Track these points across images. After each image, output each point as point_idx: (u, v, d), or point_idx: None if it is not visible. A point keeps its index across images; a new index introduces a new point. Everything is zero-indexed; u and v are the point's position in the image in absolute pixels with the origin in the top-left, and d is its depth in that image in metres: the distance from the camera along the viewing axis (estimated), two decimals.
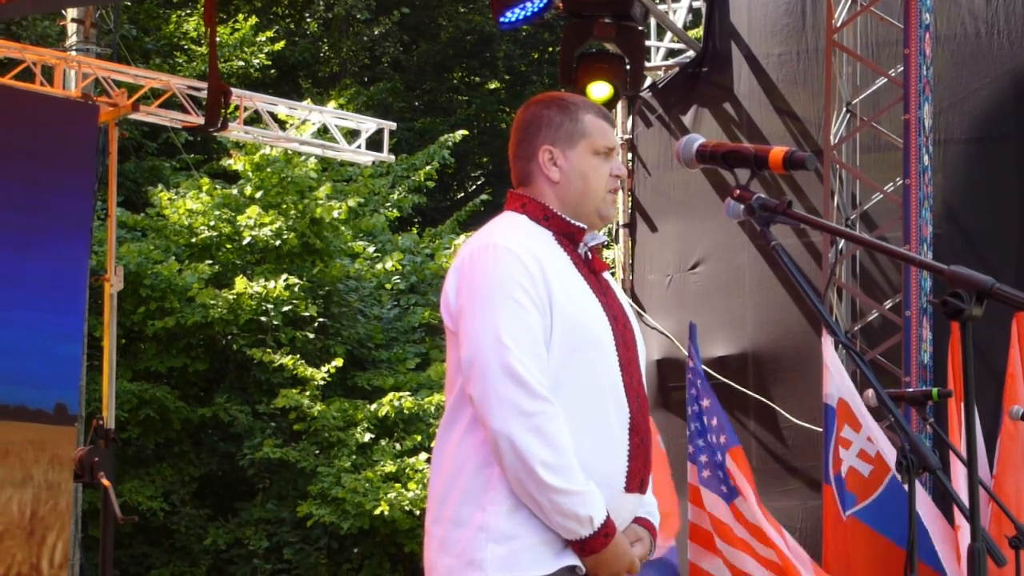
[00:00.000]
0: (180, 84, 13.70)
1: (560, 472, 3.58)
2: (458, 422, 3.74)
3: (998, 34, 9.88)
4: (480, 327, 3.66)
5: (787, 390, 10.20)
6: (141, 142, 20.36)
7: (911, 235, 9.07)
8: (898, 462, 2.91)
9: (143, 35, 21.44)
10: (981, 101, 9.88)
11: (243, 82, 20.62)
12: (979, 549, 2.93)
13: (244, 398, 18.11)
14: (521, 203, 3.88)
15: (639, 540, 3.80)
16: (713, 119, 10.79)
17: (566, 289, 3.73)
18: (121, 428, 16.21)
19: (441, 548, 3.70)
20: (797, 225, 3.32)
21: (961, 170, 9.86)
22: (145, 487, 17.24)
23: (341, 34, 24.82)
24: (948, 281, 2.95)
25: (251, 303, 17.44)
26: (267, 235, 17.76)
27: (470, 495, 3.68)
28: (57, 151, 9.22)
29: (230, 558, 17.84)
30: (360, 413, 17.18)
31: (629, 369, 3.80)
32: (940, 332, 9.06)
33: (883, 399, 3.16)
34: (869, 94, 9.97)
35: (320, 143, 15.28)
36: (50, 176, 9.12)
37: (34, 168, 9.08)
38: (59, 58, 13.25)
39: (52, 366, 9.13)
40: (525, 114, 3.94)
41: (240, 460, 17.72)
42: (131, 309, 17.18)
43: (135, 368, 17.52)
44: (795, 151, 3.31)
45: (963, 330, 2.94)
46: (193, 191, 18.24)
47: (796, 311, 10.16)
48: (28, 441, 8.83)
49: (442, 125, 22.46)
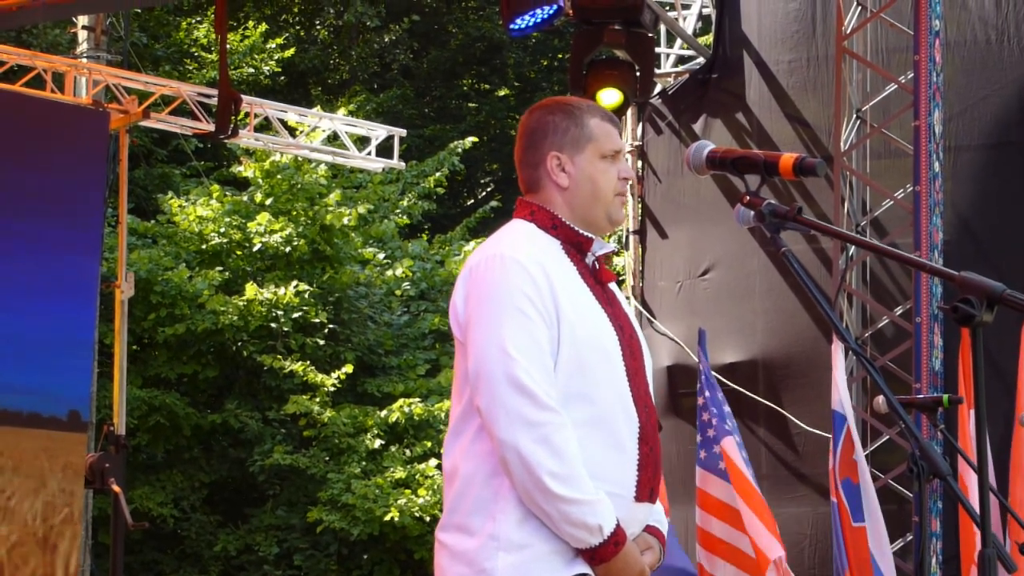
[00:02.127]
0: (190, 91, 13.73)
1: (568, 482, 3.58)
2: (466, 432, 3.74)
3: (1008, 41, 9.87)
4: (486, 339, 3.66)
5: (797, 397, 10.18)
6: (151, 149, 20.40)
7: (922, 241, 9.06)
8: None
9: (153, 42, 21.48)
10: (991, 107, 9.87)
11: (253, 89, 20.66)
12: (989, 555, 2.93)
13: (254, 404, 18.12)
14: (530, 211, 3.88)
15: (649, 548, 3.80)
16: (723, 126, 10.79)
17: (572, 300, 3.73)
18: (131, 435, 16.23)
19: (452, 557, 3.70)
20: (807, 231, 3.32)
21: (971, 176, 9.85)
22: (155, 493, 17.26)
23: (351, 41, 24.85)
24: (958, 287, 2.95)
25: (261, 309, 17.46)
26: (277, 242, 17.79)
27: (480, 505, 3.67)
28: (67, 158, 9.21)
29: (240, 564, 17.85)
30: (370, 419, 17.19)
31: (636, 379, 3.80)
32: (951, 338, 9.04)
33: (893, 405, 3.16)
34: (879, 100, 9.96)
35: (330, 150, 15.29)
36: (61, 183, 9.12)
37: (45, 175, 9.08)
38: (70, 65, 13.28)
39: (65, 373, 9.13)
40: (530, 120, 3.94)
41: (250, 466, 17.73)
42: (141, 316, 17.21)
43: (145, 375, 17.55)
44: (805, 157, 3.31)
45: (973, 336, 2.94)
46: (203, 198, 18.28)
47: (807, 318, 10.15)
48: (42, 448, 8.82)
49: (452, 132, 22.48)
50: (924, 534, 4.78)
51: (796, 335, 10.25)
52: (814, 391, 9.73)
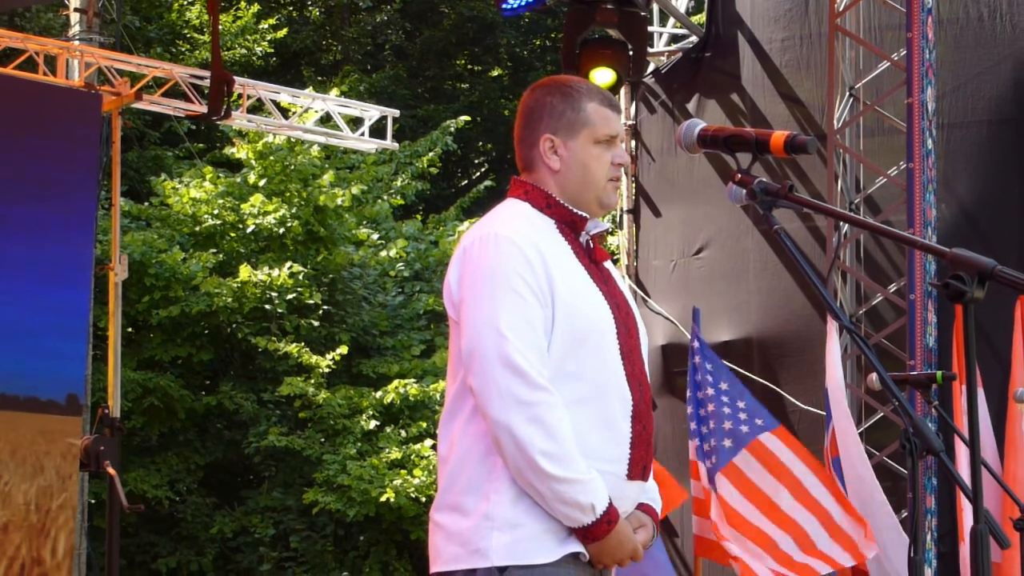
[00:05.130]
0: (183, 73, 13.69)
1: (560, 461, 3.58)
2: (460, 412, 3.75)
3: (1000, 18, 9.86)
4: (480, 318, 3.66)
5: (792, 375, 10.18)
6: (143, 131, 20.36)
7: (915, 219, 9.06)
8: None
9: (146, 24, 21.42)
10: (984, 84, 9.86)
11: (245, 70, 20.62)
12: (982, 531, 2.94)
13: (249, 386, 18.12)
14: (524, 190, 3.88)
15: (642, 526, 3.81)
16: (716, 104, 10.78)
17: (567, 279, 3.73)
18: (125, 417, 16.22)
19: (446, 537, 3.71)
20: (799, 209, 3.32)
21: (965, 153, 9.84)
22: (151, 476, 17.26)
23: (343, 21, 24.80)
24: (950, 264, 2.95)
25: (255, 291, 17.44)
26: (271, 223, 17.76)
27: (474, 484, 3.68)
28: (60, 141, 9.19)
29: (236, 546, 17.87)
30: (365, 400, 17.19)
31: (631, 357, 3.80)
32: (945, 315, 9.05)
33: (886, 382, 3.16)
34: (872, 78, 9.95)
35: (323, 131, 15.27)
36: (54, 166, 9.11)
37: (37, 158, 9.06)
38: (62, 48, 13.25)
39: (61, 356, 9.12)
40: (529, 99, 3.93)
41: (246, 448, 17.73)
42: (135, 298, 17.19)
43: (140, 357, 17.53)
44: (796, 135, 3.31)
45: (965, 313, 2.95)
46: (197, 180, 18.25)
47: (801, 296, 10.15)
48: (39, 432, 8.81)
49: (445, 112, 22.44)
50: (917, 510, 4.79)
51: (791, 313, 10.25)
52: (809, 369, 9.74)
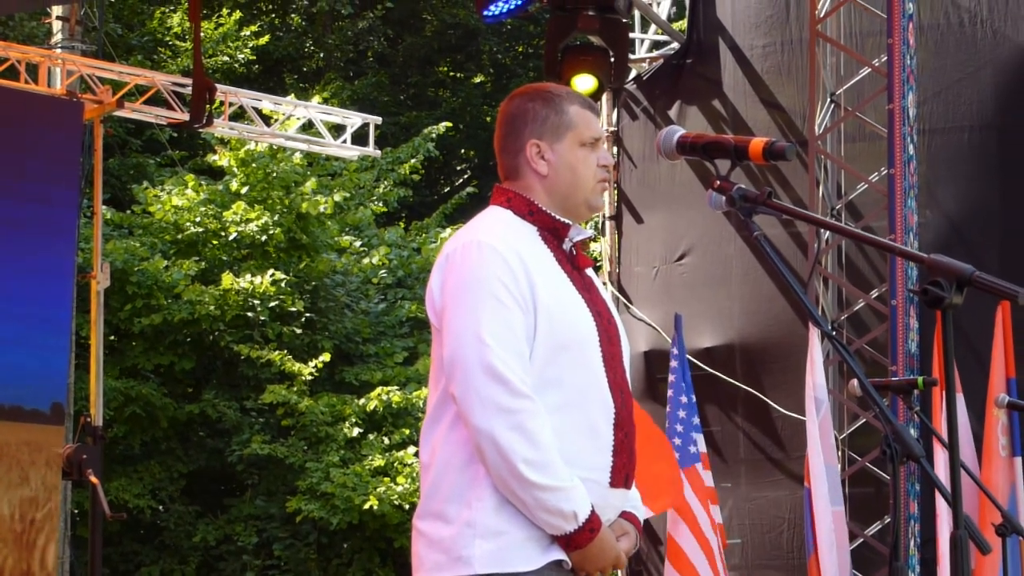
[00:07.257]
0: (165, 80, 13.68)
1: (542, 469, 3.58)
2: (443, 419, 3.74)
3: (981, 24, 9.89)
4: (462, 326, 3.66)
5: (775, 381, 10.20)
6: (125, 139, 20.32)
7: (896, 224, 9.08)
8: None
9: (128, 31, 21.40)
10: (965, 90, 9.89)
11: (227, 77, 20.59)
12: (962, 536, 2.93)
13: (232, 394, 18.08)
14: (506, 198, 3.88)
15: (625, 534, 3.80)
16: (698, 111, 10.80)
17: (549, 286, 3.72)
18: (108, 426, 16.18)
19: (429, 545, 3.70)
20: (779, 216, 3.32)
21: (946, 159, 9.87)
22: (133, 485, 17.21)
23: (325, 28, 24.78)
24: (928, 270, 2.96)
25: (238, 299, 17.42)
26: (253, 231, 17.74)
27: (456, 492, 3.67)
28: (42, 149, 9.17)
29: (219, 554, 17.82)
30: (348, 408, 17.17)
31: (613, 364, 3.79)
32: (926, 321, 9.08)
33: (867, 389, 3.16)
34: (853, 84, 9.97)
35: (305, 138, 15.25)
36: (35, 174, 9.08)
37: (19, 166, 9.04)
38: (43, 56, 13.23)
39: (44, 365, 9.09)
40: (510, 107, 3.93)
41: (228, 456, 17.70)
42: (118, 307, 17.15)
43: (122, 365, 17.49)
44: (775, 141, 3.31)
45: (944, 318, 2.95)
46: (179, 187, 18.22)
47: (783, 302, 10.17)
48: (23, 442, 8.78)
49: (427, 119, 22.44)
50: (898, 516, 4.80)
51: (773, 319, 10.27)
52: (791, 375, 9.75)
